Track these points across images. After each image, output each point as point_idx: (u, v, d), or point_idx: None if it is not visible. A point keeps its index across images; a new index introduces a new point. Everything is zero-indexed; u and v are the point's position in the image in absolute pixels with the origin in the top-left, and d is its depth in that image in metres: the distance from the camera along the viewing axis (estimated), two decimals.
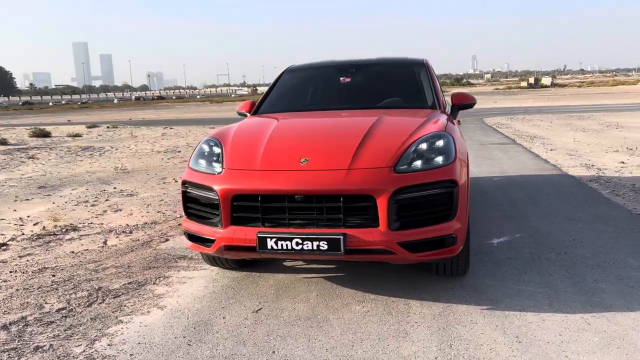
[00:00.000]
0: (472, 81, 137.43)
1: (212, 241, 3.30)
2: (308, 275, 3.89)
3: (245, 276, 3.94)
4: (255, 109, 4.65)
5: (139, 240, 5.10)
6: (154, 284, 3.87)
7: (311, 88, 4.90)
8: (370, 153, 3.22)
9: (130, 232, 5.43)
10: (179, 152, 13.45)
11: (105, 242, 5.11)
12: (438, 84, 4.59)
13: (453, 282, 3.64)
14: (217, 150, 3.57)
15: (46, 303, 3.57)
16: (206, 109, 47.66)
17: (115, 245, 4.97)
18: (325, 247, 3.02)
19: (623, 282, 3.54)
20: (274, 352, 2.81)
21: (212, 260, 3.96)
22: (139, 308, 3.44)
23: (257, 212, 3.19)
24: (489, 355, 2.68)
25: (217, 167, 3.43)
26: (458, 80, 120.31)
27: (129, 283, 3.88)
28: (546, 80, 73.70)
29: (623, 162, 8.67)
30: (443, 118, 3.84)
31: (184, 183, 3.52)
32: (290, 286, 3.70)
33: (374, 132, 3.47)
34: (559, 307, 3.19)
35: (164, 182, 8.76)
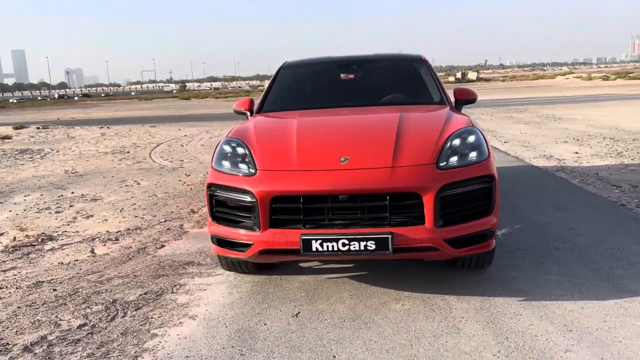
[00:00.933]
0: None
1: (249, 245, 3.18)
2: (331, 276, 3.83)
3: (265, 280, 3.82)
4: (259, 107, 4.51)
5: (131, 247, 4.83)
6: (172, 293, 3.68)
7: (315, 85, 4.82)
8: (410, 150, 3.21)
9: (117, 240, 5.14)
10: (128, 152, 12.89)
11: (93, 251, 4.81)
12: (440, 80, 4.65)
13: (479, 276, 3.70)
14: (241, 150, 3.43)
15: (61, 320, 3.32)
16: (136, 107, 46.00)
17: (107, 253, 4.69)
18: (373, 246, 2.98)
19: (636, 267, 3.72)
20: (334, 356, 2.74)
21: (231, 266, 3.81)
22: (169, 319, 3.26)
23: (298, 214, 3.10)
24: (548, 345, 2.74)
25: (245, 168, 3.30)
26: None
27: (145, 294, 3.67)
28: (472, 75, 77.01)
29: (577, 152, 9.15)
30: (461, 114, 3.89)
31: (210, 186, 3.36)
32: (318, 287, 3.63)
33: (405, 129, 3.46)
34: (589, 295, 3.31)
35: (126, 185, 8.36)
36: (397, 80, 4.74)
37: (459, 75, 76.80)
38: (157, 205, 6.59)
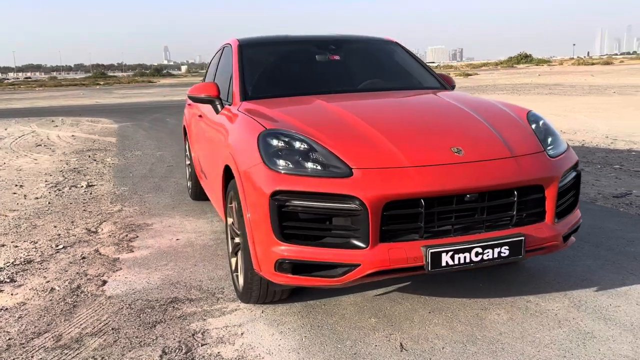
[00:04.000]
0: (172, 72, 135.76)
1: (352, 267, 2.43)
2: (374, 292, 3.22)
3: (305, 309, 3.03)
4: (243, 94, 3.56)
5: (54, 289, 3.47)
6: (203, 345, 2.67)
7: (300, 67, 4.02)
8: (512, 137, 2.81)
9: (14, 281, 3.66)
10: None
11: None
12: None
13: (520, 270, 3.49)
14: (300, 145, 2.62)
15: None
16: None
17: (23, 302, 3.29)
18: (507, 252, 2.53)
19: (634, 243, 3.92)
20: None
21: (262, 296, 2.94)
22: None
23: (416, 221, 2.47)
24: None
25: (315, 166, 2.53)
26: (158, 71, 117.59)
27: (164, 353, 2.59)
28: None
29: None
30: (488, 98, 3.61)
31: (275, 194, 2.48)
32: (380, 309, 3.00)
33: (478, 113, 3.04)
34: (639, 275, 3.35)
35: None
36: (387, 63, 4.25)
37: None
38: (23, 229, 4.96)
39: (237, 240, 3.19)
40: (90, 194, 6.29)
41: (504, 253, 2.51)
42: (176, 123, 14.65)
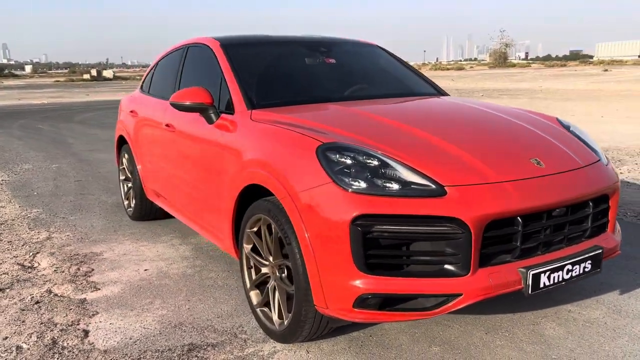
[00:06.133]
0: (15, 72, 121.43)
1: (450, 298, 2.16)
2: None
3: (353, 343, 2.70)
4: (249, 102, 3.07)
5: (21, 347, 2.77)
6: None
7: (297, 71, 3.57)
8: (570, 147, 2.73)
9: None
10: None
11: None
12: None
13: None
14: (368, 160, 2.30)
15: None
16: None
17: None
18: (589, 267, 2.44)
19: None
20: None
21: (313, 333, 2.55)
22: None
23: (511, 241, 2.28)
24: None
25: (391, 184, 2.22)
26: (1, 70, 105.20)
27: None
28: (108, 73, 73.31)
29: None
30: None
31: (357, 219, 2.13)
32: (436, 335, 2.77)
33: (523, 121, 2.94)
34: None
35: None
36: (385, 68, 3.98)
37: (94, 72, 72.47)
38: None
39: (264, 270, 2.78)
40: None
41: (587, 268, 2.42)
42: (52, 130, 13.15)
